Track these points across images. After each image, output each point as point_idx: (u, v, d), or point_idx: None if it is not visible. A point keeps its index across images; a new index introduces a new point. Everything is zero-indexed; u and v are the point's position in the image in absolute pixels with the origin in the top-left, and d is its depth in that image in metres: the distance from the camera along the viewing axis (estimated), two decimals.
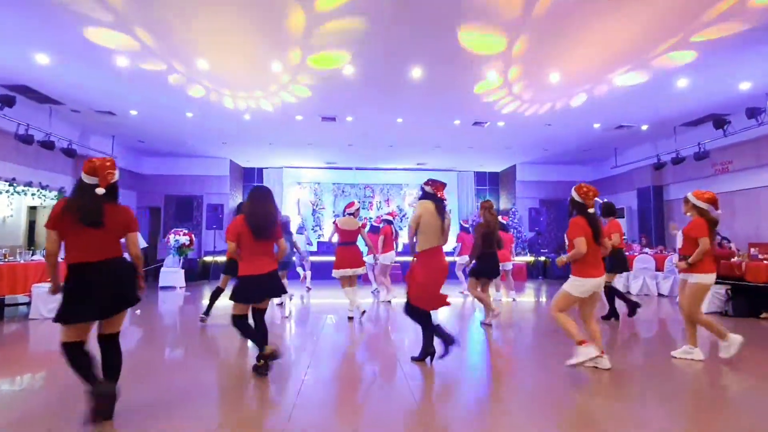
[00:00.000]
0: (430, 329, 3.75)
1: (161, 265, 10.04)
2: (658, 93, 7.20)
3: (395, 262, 8.07)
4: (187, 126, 9.34)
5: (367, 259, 7.46)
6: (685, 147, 9.20)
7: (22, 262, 5.97)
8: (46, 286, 5.88)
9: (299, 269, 9.66)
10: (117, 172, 2.79)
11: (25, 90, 7.13)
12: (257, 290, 3.42)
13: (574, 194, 3.68)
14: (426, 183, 3.91)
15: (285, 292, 3.66)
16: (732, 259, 7.02)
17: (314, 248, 12.47)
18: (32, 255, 6.46)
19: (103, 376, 2.60)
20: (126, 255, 2.75)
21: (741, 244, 8.14)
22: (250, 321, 3.49)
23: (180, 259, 10.12)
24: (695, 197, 3.97)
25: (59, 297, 2.62)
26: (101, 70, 6.38)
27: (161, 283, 9.60)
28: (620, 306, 5.90)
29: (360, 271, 5.89)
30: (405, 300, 3.83)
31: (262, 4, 4.73)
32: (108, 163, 2.72)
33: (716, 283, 6.34)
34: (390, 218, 8.17)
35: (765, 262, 6.52)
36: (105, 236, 2.60)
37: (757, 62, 6.02)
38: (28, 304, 5.91)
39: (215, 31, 5.32)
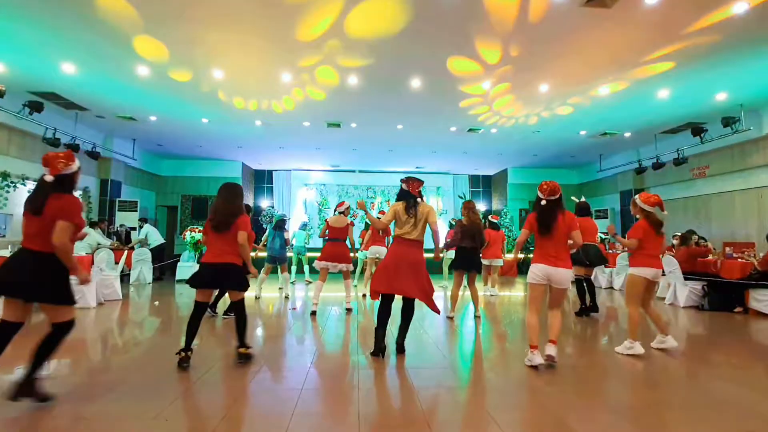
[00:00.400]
0: (382, 326, 3.65)
1: (178, 260, 10.04)
2: (640, 102, 7.20)
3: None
4: (203, 131, 9.35)
5: (360, 254, 7.73)
6: (665, 153, 9.21)
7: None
8: (73, 278, 5.88)
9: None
10: (74, 165, 2.75)
11: (53, 97, 7.15)
12: (203, 278, 3.35)
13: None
14: (402, 180, 3.89)
15: (242, 288, 3.40)
16: (708, 257, 7.02)
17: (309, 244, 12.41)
18: None
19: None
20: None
21: (716, 244, 8.14)
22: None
23: (195, 255, 10.13)
24: (642, 200, 4.01)
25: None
26: (124, 79, 6.40)
27: (178, 277, 9.60)
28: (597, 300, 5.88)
29: (342, 266, 5.81)
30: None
31: (274, 19, 4.73)
32: (61, 155, 2.68)
33: (693, 279, 6.45)
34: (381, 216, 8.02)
35: (739, 260, 6.52)
36: (43, 224, 2.46)
37: (732, 74, 6.02)
38: None
39: (230, 44, 5.33)
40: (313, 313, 5.61)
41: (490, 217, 8.31)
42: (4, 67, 5.97)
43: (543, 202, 3.58)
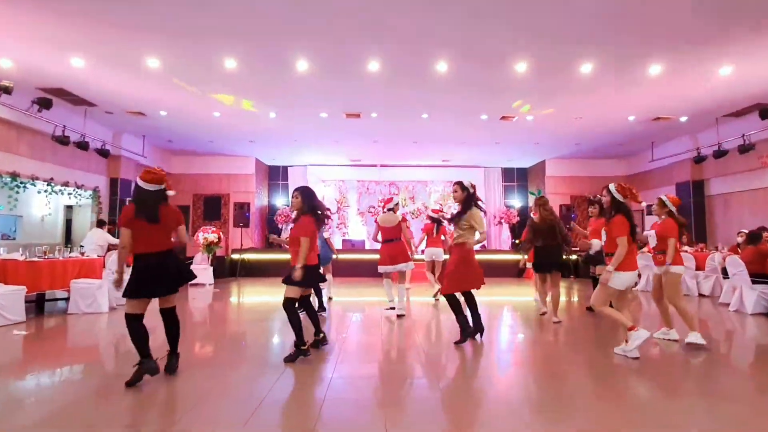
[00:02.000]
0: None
1: (191, 263, 10.33)
2: (698, 82, 6.92)
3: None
4: (215, 125, 9.58)
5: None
6: (728, 139, 8.82)
7: (60, 258, 6.25)
8: (84, 281, 6.17)
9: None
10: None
11: (61, 92, 7.47)
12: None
13: (614, 193, 4.08)
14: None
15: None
16: None
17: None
18: (70, 252, 6.76)
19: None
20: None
21: None
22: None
23: (209, 257, 10.40)
24: (671, 201, 4.68)
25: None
26: (133, 73, 6.63)
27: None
28: None
29: (402, 267, 5.85)
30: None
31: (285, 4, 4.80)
32: (161, 170, 3.51)
33: (763, 282, 6.17)
34: (434, 215, 7.89)
35: None
36: (161, 230, 3.35)
37: None
38: (67, 299, 6.19)
39: (240, 32, 5.44)
40: (399, 313, 5.86)
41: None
42: (11, 63, 6.28)
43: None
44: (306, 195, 4.02)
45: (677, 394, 3.13)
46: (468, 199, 4.50)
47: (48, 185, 8.83)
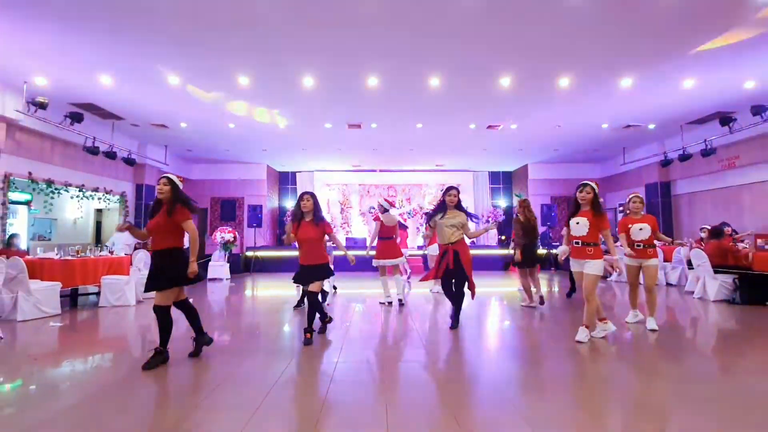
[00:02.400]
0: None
1: (209, 259, 10.33)
2: (665, 93, 6.94)
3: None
4: (230, 136, 9.58)
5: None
6: (691, 144, 8.85)
7: (92, 257, 6.25)
8: (113, 277, 6.16)
9: None
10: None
11: (91, 107, 7.47)
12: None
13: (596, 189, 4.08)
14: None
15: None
16: (738, 244, 6.72)
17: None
18: (100, 251, 6.75)
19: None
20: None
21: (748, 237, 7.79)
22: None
23: (225, 254, 10.40)
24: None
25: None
26: (156, 89, 6.63)
27: (209, 275, 9.88)
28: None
29: (393, 261, 5.98)
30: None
31: (296, 17, 4.80)
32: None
33: (724, 272, 6.19)
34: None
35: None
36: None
37: (760, 61, 5.73)
38: (98, 293, 6.19)
39: (251, 50, 5.44)
40: (401, 302, 6.09)
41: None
42: (46, 81, 6.27)
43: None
44: (316, 200, 4.20)
45: (649, 375, 3.14)
46: (460, 202, 4.67)
47: (80, 191, 8.83)
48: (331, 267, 4.35)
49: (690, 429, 2.24)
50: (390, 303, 6.06)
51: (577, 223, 3.97)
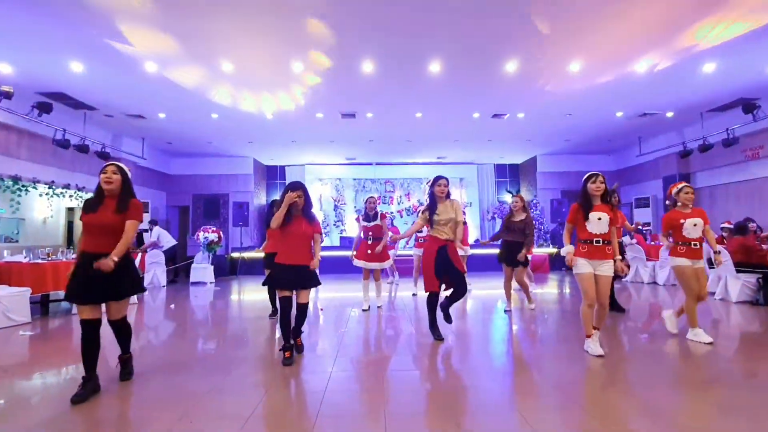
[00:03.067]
0: None
1: (191, 262, 10.31)
2: (684, 78, 6.97)
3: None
4: (213, 127, 9.55)
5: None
6: (712, 133, 8.90)
7: (64, 260, 6.23)
8: None
9: None
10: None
11: (61, 96, 7.42)
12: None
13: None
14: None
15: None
16: (763, 246, 6.76)
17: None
18: (73, 253, 6.72)
19: None
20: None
21: None
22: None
23: (209, 256, 10.38)
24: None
25: None
26: (131, 76, 6.59)
27: (192, 279, 9.87)
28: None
29: (374, 265, 5.96)
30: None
31: (280, 6, 4.79)
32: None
33: (747, 272, 6.24)
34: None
35: None
36: None
37: None
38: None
39: (237, 33, 5.41)
40: (379, 308, 6.19)
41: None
42: (11, 68, 6.23)
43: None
44: (308, 194, 3.97)
45: (669, 381, 3.17)
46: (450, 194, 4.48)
47: (49, 188, 8.78)
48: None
49: None
50: (368, 309, 6.06)
51: (599, 218, 3.72)
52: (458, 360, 3.79)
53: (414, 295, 7.30)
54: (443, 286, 4.30)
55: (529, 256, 6.78)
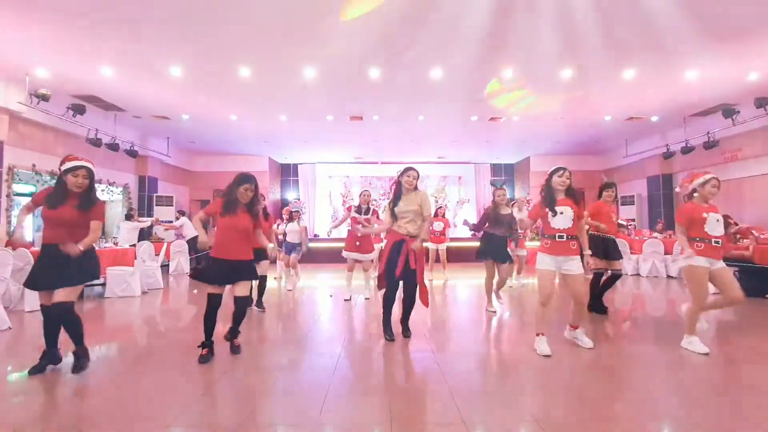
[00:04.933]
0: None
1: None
2: (668, 85, 6.89)
3: None
4: (232, 127, 9.56)
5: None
6: (694, 136, 8.82)
7: (97, 249, 6.27)
8: (118, 269, 6.21)
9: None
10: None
11: (93, 99, 7.45)
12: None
13: None
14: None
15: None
16: (743, 241, 6.67)
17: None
18: (105, 243, 6.79)
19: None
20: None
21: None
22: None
23: None
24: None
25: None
26: (157, 80, 6.60)
27: None
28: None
29: (360, 256, 5.75)
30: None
31: (295, 11, 4.78)
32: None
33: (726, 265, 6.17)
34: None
35: None
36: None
37: (765, 53, 5.67)
38: (104, 285, 6.25)
39: (253, 40, 5.41)
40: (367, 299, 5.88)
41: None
42: (48, 73, 6.26)
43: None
44: (258, 189, 3.72)
45: (649, 365, 3.17)
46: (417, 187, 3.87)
47: None
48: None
49: (690, 420, 2.28)
50: (350, 299, 5.79)
51: (561, 213, 3.35)
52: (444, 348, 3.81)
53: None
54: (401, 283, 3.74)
55: (524, 251, 6.57)
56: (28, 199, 8.27)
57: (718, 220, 3.42)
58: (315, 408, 2.37)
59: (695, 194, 3.54)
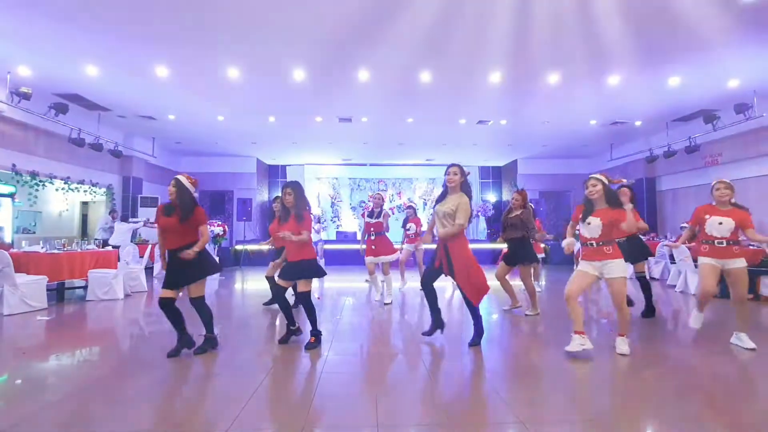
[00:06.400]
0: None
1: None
2: (651, 91, 7.05)
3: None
4: (219, 128, 9.48)
5: (407, 247, 7.01)
6: (676, 141, 9.03)
7: (79, 250, 6.17)
8: (101, 271, 6.10)
9: None
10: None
11: (77, 98, 7.32)
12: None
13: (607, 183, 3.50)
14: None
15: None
16: None
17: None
18: (87, 244, 6.66)
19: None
20: None
21: None
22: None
23: (215, 248, 10.34)
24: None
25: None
26: (143, 80, 6.52)
27: None
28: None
29: (380, 259, 5.73)
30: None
31: (283, 10, 4.77)
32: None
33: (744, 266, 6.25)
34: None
35: (751, 247, 6.40)
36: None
37: (744, 60, 5.86)
38: (85, 287, 6.13)
39: (240, 41, 5.38)
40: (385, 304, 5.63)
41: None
42: (29, 71, 6.13)
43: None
44: (301, 192, 3.73)
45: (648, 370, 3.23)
46: (466, 183, 3.82)
47: (65, 183, 8.68)
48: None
49: (683, 417, 2.33)
50: (386, 299, 5.68)
51: (589, 223, 3.41)
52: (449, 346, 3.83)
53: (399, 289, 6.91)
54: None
55: (540, 255, 6.16)
56: (8, 199, 8.16)
57: (720, 223, 3.64)
58: (302, 410, 2.37)
59: (713, 201, 3.80)
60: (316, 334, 3.69)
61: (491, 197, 14.74)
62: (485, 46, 5.46)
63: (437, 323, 3.85)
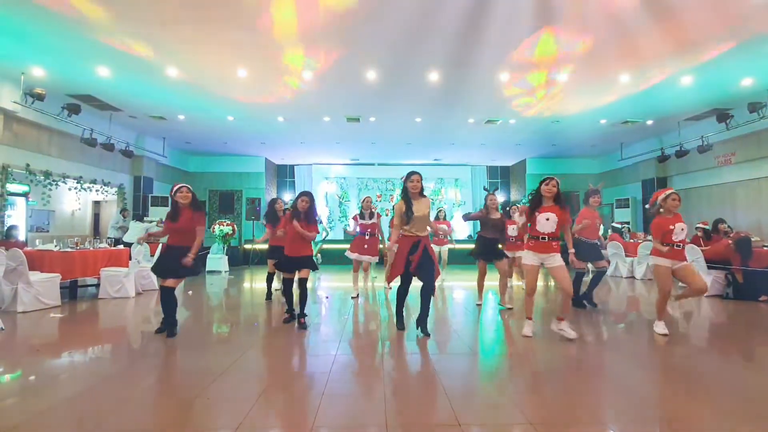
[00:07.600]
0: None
1: (208, 252, 10.33)
2: (663, 89, 6.95)
3: None
4: (229, 128, 9.54)
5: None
6: (688, 140, 8.90)
7: (91, 249, 6.25)
8: (112, 269, 6.18)
9: None
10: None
11: (89, 99, 7.42)
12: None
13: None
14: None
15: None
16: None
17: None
18: (99, 243, 6.75)
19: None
20: None
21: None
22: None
23: (224, 247, 10.41)
24: None
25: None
26: (154, 81, 6.59)
27: (208, 268, 9.90)
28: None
29: (364, 258, 6.14)
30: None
31: (291, 12, 4.78)
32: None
33: (717, 268, 6.24)
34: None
35: (765, 248, 6.28)
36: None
37: (757, 59, 5.75)
38: (97, 285, 6.21)
39: (250, 42, 5.41)
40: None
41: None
42: (43, 72, 6.23)
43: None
44: (314, 201, 4.53)
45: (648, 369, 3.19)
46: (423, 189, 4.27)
47: (77, 183, 8.80)
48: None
49: (692, 421, 2.30)
50: (357, 296, 6.09)
51: (547, 219, 3.77)
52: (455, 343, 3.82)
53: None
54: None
55: (510, 253, 6.40)
56: (22, 198, 8.30)
57: (682, 229, 4.04)
58: (311, 410, 2.37)
59: (661, 209, 4.13)
60: (304, 315, 4.42)
61: (499, 197, 14.63)
62: (489, 47, 5.43)
63: (402, 324, 4.23)
